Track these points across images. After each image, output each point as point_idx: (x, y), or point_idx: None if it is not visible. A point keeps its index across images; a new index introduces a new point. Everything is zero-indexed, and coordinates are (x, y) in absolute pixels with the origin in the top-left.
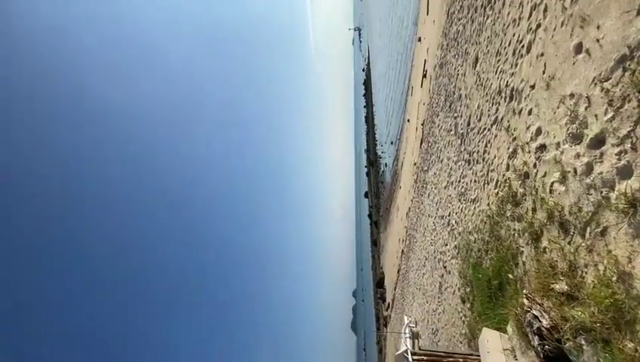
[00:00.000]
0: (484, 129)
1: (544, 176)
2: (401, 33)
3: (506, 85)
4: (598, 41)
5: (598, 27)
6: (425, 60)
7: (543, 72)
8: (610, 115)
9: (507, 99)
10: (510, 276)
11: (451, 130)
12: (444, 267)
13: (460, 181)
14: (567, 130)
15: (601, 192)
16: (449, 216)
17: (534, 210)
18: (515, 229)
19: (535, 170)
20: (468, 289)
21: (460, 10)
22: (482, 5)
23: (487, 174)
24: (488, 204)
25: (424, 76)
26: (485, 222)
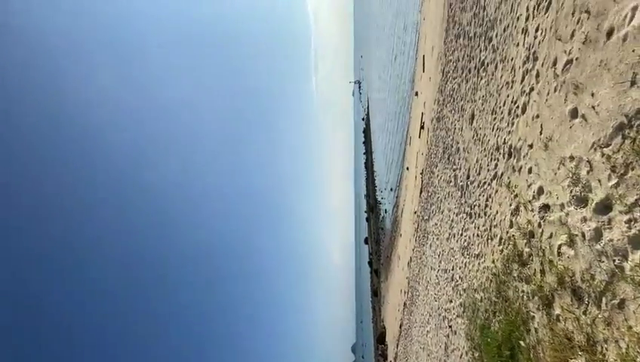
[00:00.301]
0: (484, 183)
1: (550, 237)
2: (399, 88)
3: (504, 142)
4: (593, 108)
5: (593, 95)
6: (422, 113)
7: (540, 133)
8: (614, 182)
9: (506, 156)
10: (522, 343)
11: (451, 181)
12: (450, 326)
13: (462, 234)
14: (571, 192)
15: (614, 261)
16: (452, 270)
17: (543, 272)
18: (523, 291)
19: (540, 230)
20: (477, 354)
21: (454, 70)
22: (476, 67)
23: (490, 229)
24: (493, 261)
25: (422, 128)
26: (491, 281)
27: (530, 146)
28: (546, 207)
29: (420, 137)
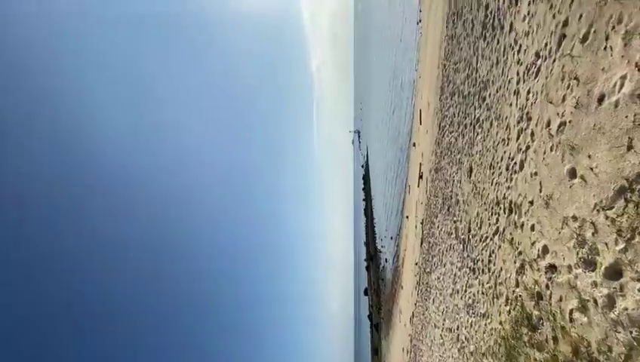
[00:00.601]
0: (486, 238)
1: (560, 300)
2: (397, 139)
3: (504, 197)
4: (592, 169)
5: (590, 156)
6: (420, 163)
7: (540, 191)
8: (621, 246)
9: (507, 212)
10: None
11: (452, 233)
12: None
13: (466, 291)
14: (577, 254)
15: (631, 332)
16: (458, 329)
17: (555, 339)
18: (536, 359)
19: (549, 292)
20: None
21: (450, 124)
22: (471, 123)
23: (496, 287)
24: (501, 323)
25: (420, 177)
26: (500, 345)
27: (531, 203)
28: (552, 268)
29: (419, 186)
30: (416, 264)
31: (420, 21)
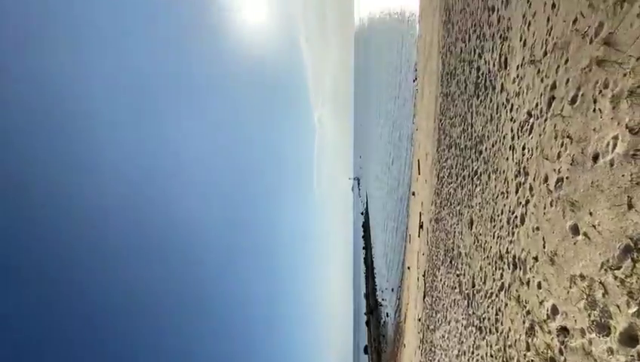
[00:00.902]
0: (492, 294)
1: None
2: (397, 189)
3: (507, 252)
4: (594, 227)
5: (591, 214)
6: (420, 213)
7: (544, 246)
8: (634, 309)
9: (511, 267)
10: None
11: (455, 287)
12: None
13: (473, 352)
14: (589, 316)
15: None
16: None
17: None
18: None
19: (563, 358)
20: None
21: (448, 175)
22: (469, 175)
23: (505, 350)
24: None
25: (421, 227)
26: None
27: (535, 259)
28: (564, 331)
29: (419, 236)
30: (419, 320)
31: (416, 79)
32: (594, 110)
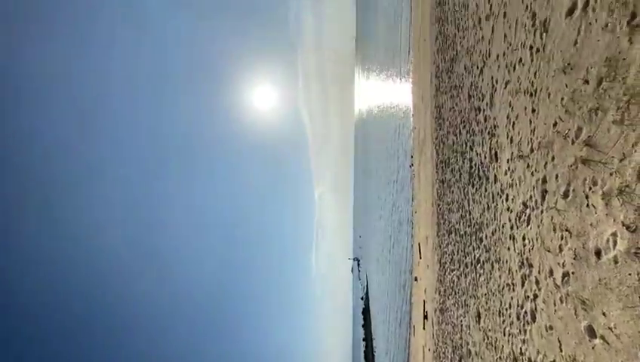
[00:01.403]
0: None
1: None
2: (398, 275)
3: (521, 353)
4: (611, 329)
5: (604, 314)
6: (424, 301)
7: (560, 349)
8: None
9: None
10: None
11: None
12: None
13: None
14: None
15: None
16: None
17: None
18: None
19: None
20: None
21: (451, 261)
22: (472, 263)
23: None
24: None
25: (425, 317)
26: None
27: None
28: None
29: (424, 329)
30: None
31: (412, 165)
32: (587, 205)
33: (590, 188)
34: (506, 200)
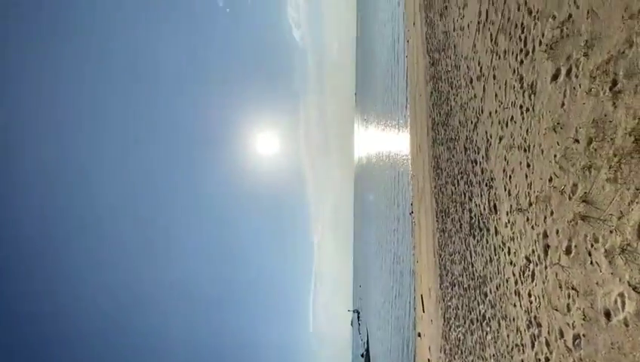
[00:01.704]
0: None
1: None
2: (401, 331)
3: None
4: None
5: None
6: (429, 360)
7: None
8: None
9: None
10: None
11: None
12: None
13: None
14: None
15: None
16: None
17: None
18: None
19: None
20: None
21: (455, 317)
22: (477, 319)
23: None
24: None
25: None
26: None
27: None
28: None
29: None
30: None
31: (412, 212)
32: (591, 263)
33: (592, 246)
34: (508, 253)
